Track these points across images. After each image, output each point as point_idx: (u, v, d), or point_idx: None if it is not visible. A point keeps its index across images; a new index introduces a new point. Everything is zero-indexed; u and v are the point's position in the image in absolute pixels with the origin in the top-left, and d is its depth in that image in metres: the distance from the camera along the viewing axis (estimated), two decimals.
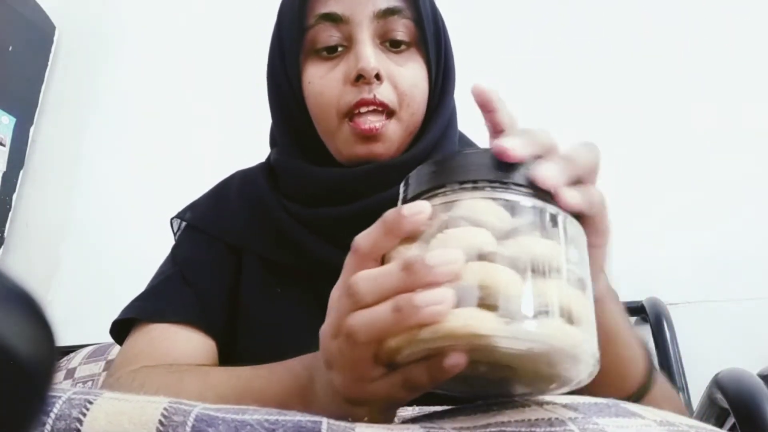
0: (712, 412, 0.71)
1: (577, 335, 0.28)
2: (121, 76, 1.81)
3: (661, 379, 0.51)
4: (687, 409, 0.63)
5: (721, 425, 0.71)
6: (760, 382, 0.64)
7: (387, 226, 0.31)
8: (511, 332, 0.27)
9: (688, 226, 1.27)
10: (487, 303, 0.27)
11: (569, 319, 0.28)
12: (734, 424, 0.62)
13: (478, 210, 0.30)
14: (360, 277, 0.30)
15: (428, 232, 0.30)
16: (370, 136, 0.57)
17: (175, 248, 0.68)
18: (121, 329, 0.61)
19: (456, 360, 0.28)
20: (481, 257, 0.28)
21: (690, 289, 1.23)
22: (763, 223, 1.25)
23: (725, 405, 0.64)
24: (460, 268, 0.28)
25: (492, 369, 0.30)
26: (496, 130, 0.37)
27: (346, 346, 0.30)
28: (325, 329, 0.33)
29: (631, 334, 0.46)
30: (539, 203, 0.31)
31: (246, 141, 1.23)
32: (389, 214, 0.31)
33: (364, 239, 0.32)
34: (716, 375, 0.69)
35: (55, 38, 1.84)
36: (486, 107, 0.37)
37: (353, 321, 0.30)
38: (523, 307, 0.27)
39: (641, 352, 0.48)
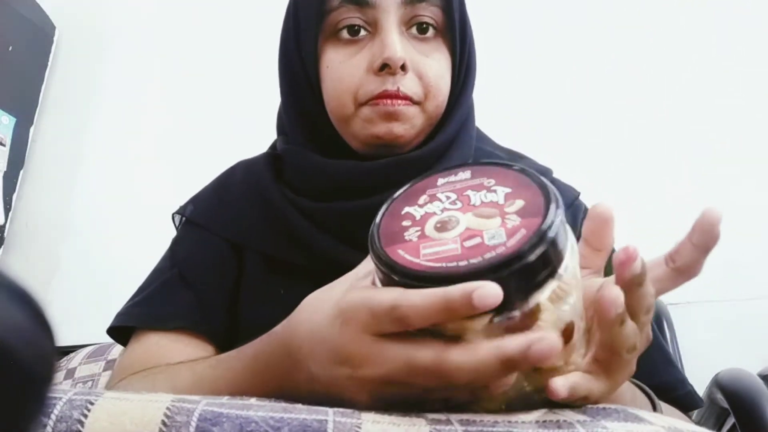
0: (712, 412, 0.71)
1: None
2: (121, 75, 1.81)
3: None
4: None
5: (721, 425, 0.71)
6: (760, 382, 0.63)
7: (449, 307, 0.28)
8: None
9: (688, 227, 1.27)
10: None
11: None
12: (734, 424, 0.62)
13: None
14: (456, 365, 0.28)
15: None
16: (392, 113, 0.54)
17: (174, 244, 0.66)
18: (122, 332, 0.60)
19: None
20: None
21: (690, 289, 1.22)
22: (763, 223, 1.24)
23: (725, 405, 0.64)
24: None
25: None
26: (594, 247, 0.36)
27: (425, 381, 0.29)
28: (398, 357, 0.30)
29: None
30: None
31: (247, 139, 1.23)
32: (457, 294, 0.27)
33: (416, 315, 0.28)
34: (716, 375, 0.69)
35: (55, 38, 1.84)
36: (602, 228, 0.36)
37: (455, 369, 0.28)
38: None
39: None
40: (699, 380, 0.74)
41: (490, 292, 0.27)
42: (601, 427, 0.26)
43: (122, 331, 0.60)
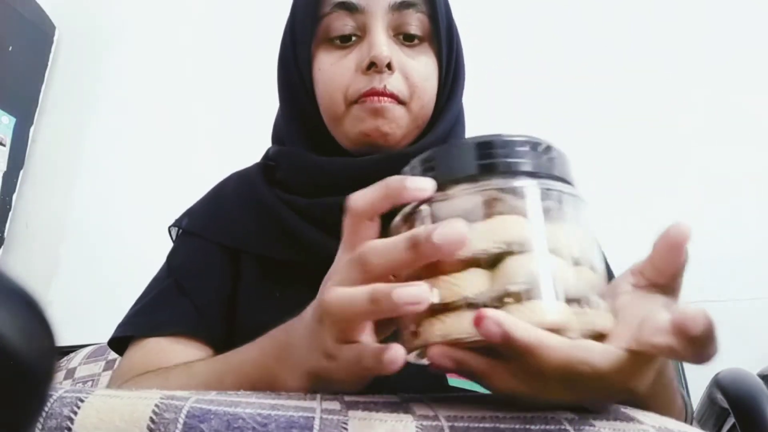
0: (712, 412, 0.71)
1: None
2: (121, 75, 1.81)
3: None
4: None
5: (721, 425, 0.71)
6: (760, 382, 0.64)
7: (387, 192, 0.33)
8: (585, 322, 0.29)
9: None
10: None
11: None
12: (734, 424, 0.62)
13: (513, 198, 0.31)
14: (369, 247, 0.31)
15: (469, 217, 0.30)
16: (378, 110, 0.57)
17: (170, 256, 0.67)
18: (120, 344, 0.60)
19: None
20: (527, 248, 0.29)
21: (690, 289, 1.23)
22: (761, 223, 1.24)
23: (725, 405, 0.64)
24: (465, 244, 0.28)
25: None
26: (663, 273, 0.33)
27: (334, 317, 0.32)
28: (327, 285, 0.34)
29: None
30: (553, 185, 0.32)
31: (246, 139, 1.23)
32: (393, 180, 0.33)
33: (360, 200, 0.34)
34: (716, 375, 0.69)
35: (55, 38, 1.84)
36: (675, 251, 0.32)
37: (329, 297, 0.31)
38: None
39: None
40: (699, 380, 0.74)
41: (422, 179, 0.32)
42: (589, 425, 0.26)
43: (122, 343, 0.60)
